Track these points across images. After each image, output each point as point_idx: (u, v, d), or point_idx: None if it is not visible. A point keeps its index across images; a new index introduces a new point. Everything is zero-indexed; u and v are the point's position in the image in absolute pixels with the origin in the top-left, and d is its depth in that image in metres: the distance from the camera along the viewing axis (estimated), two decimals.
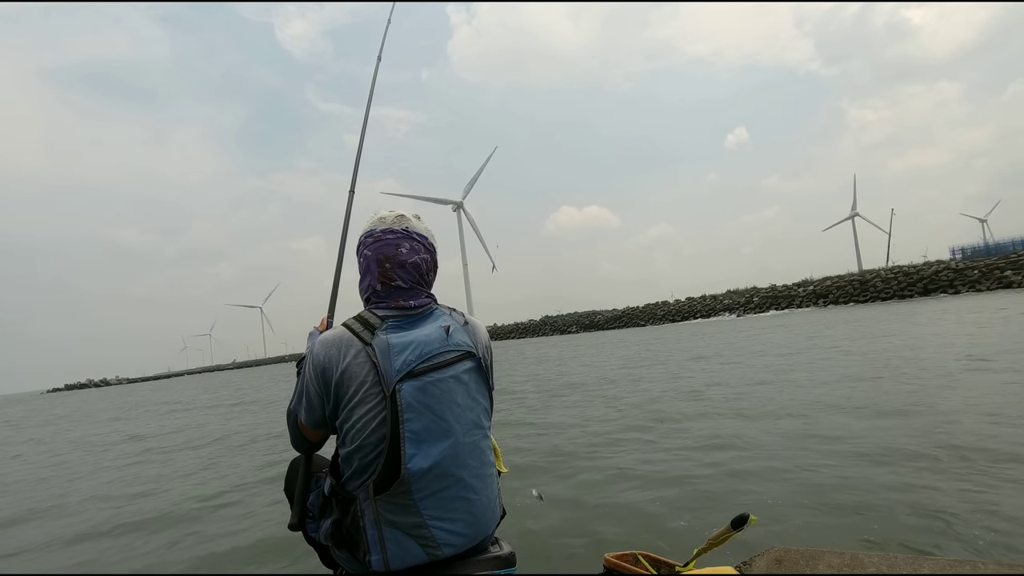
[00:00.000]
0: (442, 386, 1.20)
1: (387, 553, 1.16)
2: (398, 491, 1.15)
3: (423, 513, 1.16)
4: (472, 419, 1.24)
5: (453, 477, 1.19)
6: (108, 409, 20.61)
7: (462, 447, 1.21)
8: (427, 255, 1.34)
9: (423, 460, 1.15)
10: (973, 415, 4.37)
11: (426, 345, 1.20)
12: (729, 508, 2.83)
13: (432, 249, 1.37)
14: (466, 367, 1.25)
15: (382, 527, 1.16)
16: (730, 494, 3.19)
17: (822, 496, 2.97)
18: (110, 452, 8.29)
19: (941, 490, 2.87)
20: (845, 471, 3.34)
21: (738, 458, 3.89)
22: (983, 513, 2.54)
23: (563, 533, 2.88)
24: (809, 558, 1.57)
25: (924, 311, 21.54)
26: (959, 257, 46.51)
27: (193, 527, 3.78)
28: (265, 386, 23.20)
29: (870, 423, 4.48)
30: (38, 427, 15.70)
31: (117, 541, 3.68)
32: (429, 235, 1.37)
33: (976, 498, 2.72)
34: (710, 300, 58.37)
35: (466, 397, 1.24)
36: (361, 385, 1.18)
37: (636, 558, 1.59)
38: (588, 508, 3.23)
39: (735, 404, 6.05)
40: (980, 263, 39.94)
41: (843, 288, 46.08)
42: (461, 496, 1.19)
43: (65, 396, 61.42)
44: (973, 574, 1.40)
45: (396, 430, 1.15)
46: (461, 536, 1.19)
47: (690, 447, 4.38)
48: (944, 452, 3.49)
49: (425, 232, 1.36)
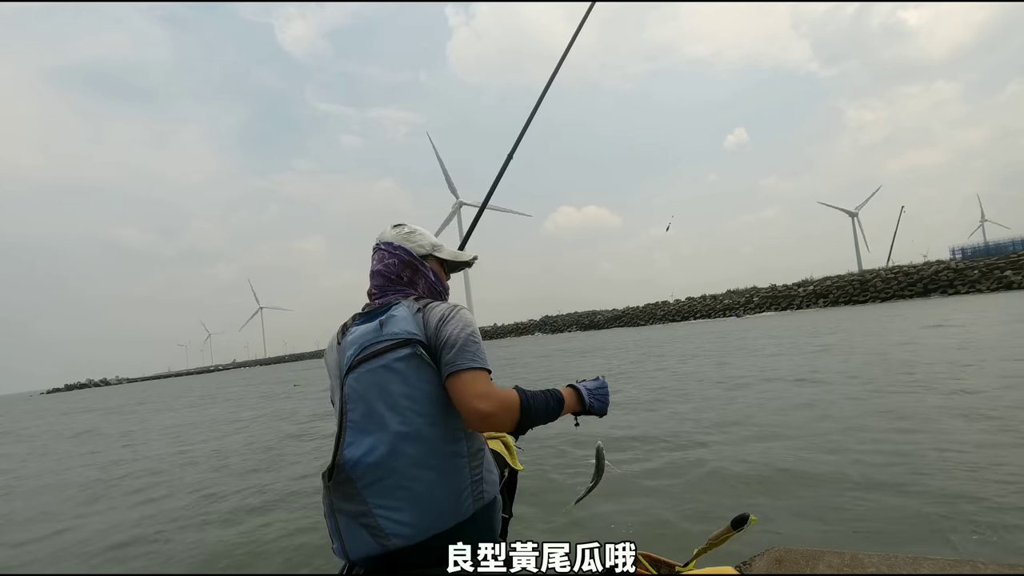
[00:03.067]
0: (372, 376, 1.25)
1: (344, 542, 1.21)
2: (339, 479, 1.21)
3: (368, 501, 1.18)
4: (412, 407, 1.23)
5: (388, 467, 1.19)
6: (193, 395, 20.63)
7: (399, 436, 1.21)
8: (392, 259, 1.43)
9: (357, 449, 1.20)
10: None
11: (362, 337, 1.30)
12: (729, 508, 2.83)
13: (400, 251, 1.44)
14: (400, 355, 1.26)
15: (337, 515, 1.22)
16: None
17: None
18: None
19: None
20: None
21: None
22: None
23: (562, 532, 2.89)
24: (809, 558, 1.57)
25: (941, 310, 21.54)
26: (959, 257, 46.53)
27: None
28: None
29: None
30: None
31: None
32: (399, 239, 1.46)
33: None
34: (710, 300, 58.37)
35: (403, 385, 1.24)
36: (334, 377, 1.34)
37: (637, 558, 1.60)
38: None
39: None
40: (980, 263, 39.94)
41: (843, 288, 46.08)
42: (401, 485, 1.19)
43: (66, 396, 61.39)
44: (973, 574, 1.41)
45: (342, 420, 1.25)
46: (408, 527, 1.17)
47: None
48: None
49: (394, 238, 1.46)
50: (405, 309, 1.33)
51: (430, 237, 1.49)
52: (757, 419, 5.20)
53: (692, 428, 5.22)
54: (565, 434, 5.09)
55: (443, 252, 1.48)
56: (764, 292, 53.85)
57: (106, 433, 12.15)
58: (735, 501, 3.06)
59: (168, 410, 17.03)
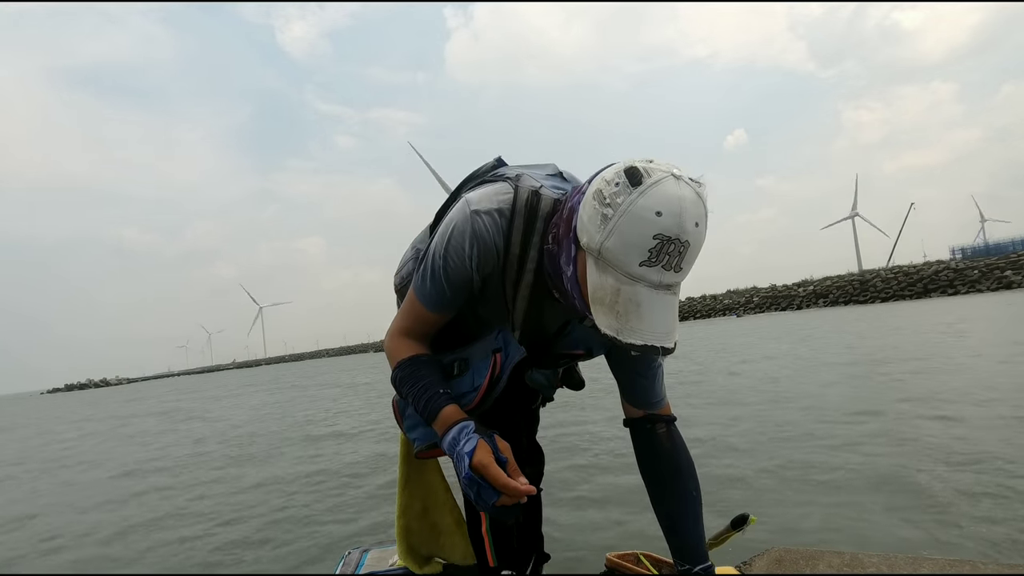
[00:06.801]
0: None
1: None
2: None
3: None
4: None
5: None
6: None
7: None
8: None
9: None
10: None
11: None
12: (729, 509, 2.83)
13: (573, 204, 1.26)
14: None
15: None
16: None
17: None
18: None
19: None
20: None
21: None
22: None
23: (562, 532, 2.89)
24: (809, 558, 1.57)
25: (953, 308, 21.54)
26: (959, 257, 46.58)
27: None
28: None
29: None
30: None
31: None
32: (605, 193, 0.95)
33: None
34: (710, 300, 58.38)
35: None
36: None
37: (638, 558, 1.60)
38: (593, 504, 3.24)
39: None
40: (980, 263, 40.00)
41: (843, 288, 46.11)
42: None
43: (66, 396, 61.38)
44: (973, 574, 1.41)
45: None
46: None
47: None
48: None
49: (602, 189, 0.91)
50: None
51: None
52: (757, 419, 5.20)
53: (692, 428, 5.23)
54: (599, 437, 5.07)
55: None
56: (764, 292, 53.90)
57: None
58: (735, 501, 3.06)
59: (265, 392, 17.79)
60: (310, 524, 3.33)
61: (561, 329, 1.15)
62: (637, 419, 1.24)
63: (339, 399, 12.14)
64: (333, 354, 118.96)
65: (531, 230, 0.97)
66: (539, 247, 0.97)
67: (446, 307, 1.03)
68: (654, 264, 0.76)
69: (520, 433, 1.30)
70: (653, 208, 0.74)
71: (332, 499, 3.81)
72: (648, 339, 0.78)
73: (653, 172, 0.76)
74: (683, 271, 0.79)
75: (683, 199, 0.75)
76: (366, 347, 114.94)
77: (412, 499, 1.46)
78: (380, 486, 4.00)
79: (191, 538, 3.33)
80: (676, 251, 0.75)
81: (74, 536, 3.65)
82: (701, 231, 0.78)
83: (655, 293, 0.78)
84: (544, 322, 1.11)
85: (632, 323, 0.78)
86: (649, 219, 0.74)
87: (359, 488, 4.04)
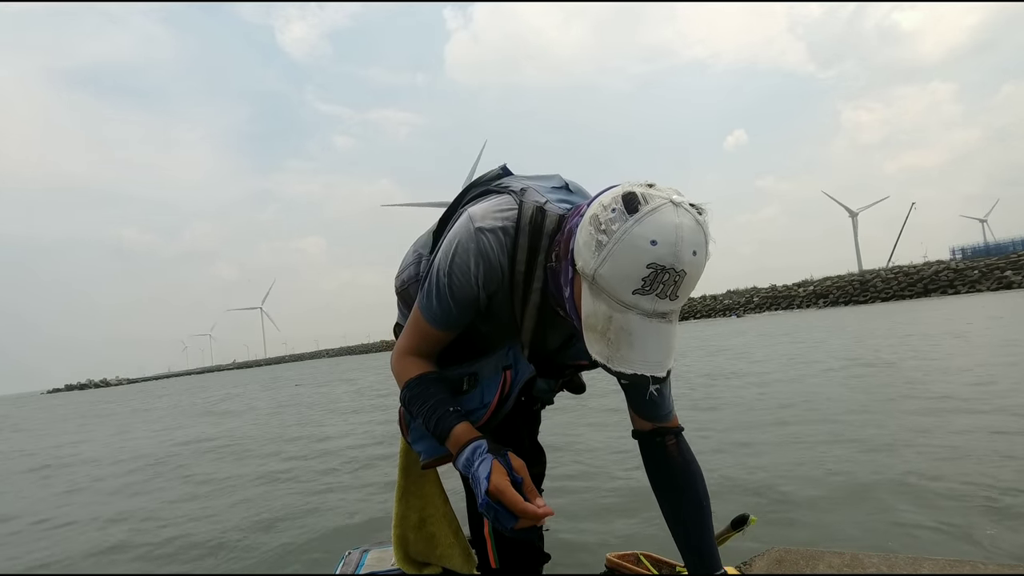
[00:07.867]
0: None
1: None
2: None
3: None
4: None
5: None
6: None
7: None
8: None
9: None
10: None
11: None
12: (729, 509, 2.83)
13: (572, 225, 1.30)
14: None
15: None
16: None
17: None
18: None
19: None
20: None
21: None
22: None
23: (563, 532, 2.89)
24: (809, 558, 1.57)
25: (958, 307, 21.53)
26: (959, 257, 46.58)
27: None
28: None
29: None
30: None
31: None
32: (602, 218, 1.09)
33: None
34: (710, 300, 58.37)
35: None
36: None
37: (638, 558, 1.60)
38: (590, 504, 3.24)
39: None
40: (980, 263, 40.02)
41: (843, 288, 46.10)
42: None
43: (67, 396, 61.40)
44: (973, 574, 1.41)
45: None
46: None
47: None
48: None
49: (598, 214, 0.95)
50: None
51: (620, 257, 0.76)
52: (757, 419, 5.20)
53: (692, 428, 5.22)
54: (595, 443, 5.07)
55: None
56: (764, 292, 53.90)
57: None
58: (735, 502, 3.06)
59: (265, 392, 18.07)
60: (310, 524, 3.33)
61: (566, 342, 1.16)
62: (646, 432, 1.22)
63: (339, 399, 12.21)
64: (333, 354, 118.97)
65: (536, 248, 0.95)
66: (544, 265, 0.96)
67: (452, 325, 1.02)
68: (647, 292, 0.75)
69: (522, 434, 1.30)
70: (648, 237, 0.73)
71: (332, 499, 3.82)
72: (638, 368, 0.77)
73: (651, 199, 0.75)
74: (679, 299, 0.78)
75: (681, 227, 0.74)
76: (367, 347, 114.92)
77: (409, 510, 1.44)
78: (380, 486, 4.00)
79: (190, 538, 3.33)
80: (671, 280, 0.75)
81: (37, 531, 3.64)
82: (699, 259, 0.76)
83: (648, 321, 0.77)
84: (550, 337, 1.12)
85: (623, 352, 0.77)
86: (643, 248, 0.73)
87: (359, 488, 4.04)
